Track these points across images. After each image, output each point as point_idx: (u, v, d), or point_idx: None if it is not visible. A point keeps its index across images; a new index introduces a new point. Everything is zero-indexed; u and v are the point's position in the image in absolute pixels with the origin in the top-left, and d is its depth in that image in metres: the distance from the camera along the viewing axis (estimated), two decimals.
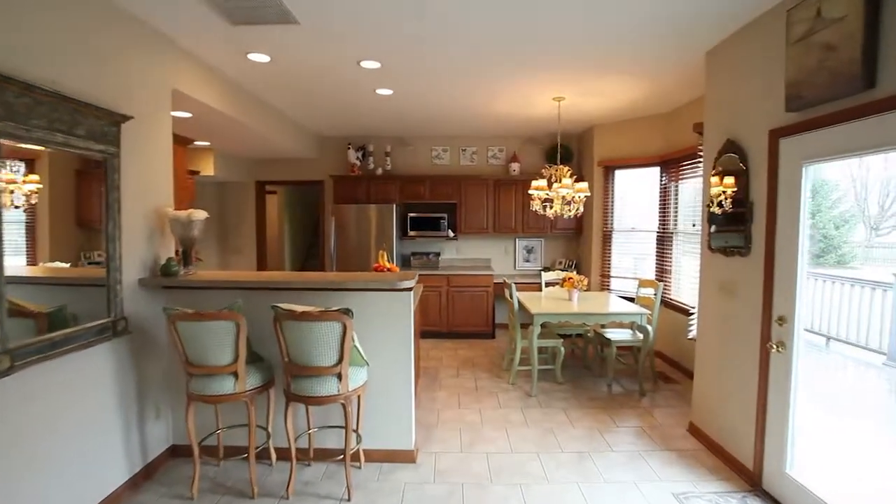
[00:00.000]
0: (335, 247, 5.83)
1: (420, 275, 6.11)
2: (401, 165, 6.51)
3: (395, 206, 5.80)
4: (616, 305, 4.27)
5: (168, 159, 2.90)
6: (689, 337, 3.50)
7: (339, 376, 2.41)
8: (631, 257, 5.66)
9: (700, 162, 4.19)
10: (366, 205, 5.84)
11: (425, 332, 6.03)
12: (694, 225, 4.15)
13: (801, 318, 2.40)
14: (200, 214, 2.83)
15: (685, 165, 4.74)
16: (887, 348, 3.41)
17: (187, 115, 3.77)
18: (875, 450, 2.43)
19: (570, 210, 4.39)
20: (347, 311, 2.33)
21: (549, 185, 4.41)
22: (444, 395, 4.11)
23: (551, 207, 4.44)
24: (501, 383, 4.42)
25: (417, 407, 3.75)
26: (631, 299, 5.01)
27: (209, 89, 3.44)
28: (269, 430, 2.77)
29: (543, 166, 4.65)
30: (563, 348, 4.31)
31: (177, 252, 3.03)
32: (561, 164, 4.55)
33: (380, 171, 6.25)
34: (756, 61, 2.69)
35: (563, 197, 4.30)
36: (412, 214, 6.22)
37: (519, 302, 4.44)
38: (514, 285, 4.29)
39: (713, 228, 3.11)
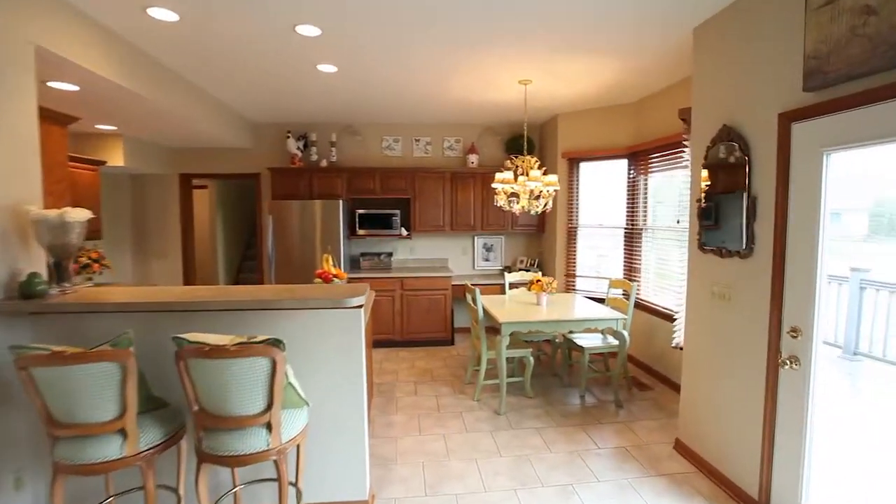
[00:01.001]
0: (273, 249, 5.14)
1: (371, 277, 5.55)
2: (348, 157, 5.89)
3: (341, 201, 5.18)
4: (590, 310, 3.90)
5: (31, 141, 2.18)
6: (674, 345, 3.19)
7: (269, 426, 1.83)
8: (596, 255, 5.36)
9: (679, 152, 3.90)
10: (309, 201, 5.18)
11: (378, 342, 5.47)
12: (679, 221, 3.85)
13: (819, 329, 2.08)
14: (79, 214, 2.14)
15: (655, 158, 4.46)
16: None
17: (73, 87, 3.01)
18: None
19: (538, 205, 3.98)
20: (277, 343, 1.76)
21: (515, 177, 3.98)
22: (403, 419, 3.59)
23: (518, 202, 4.00)
24: (466, 400, 3.95)
25: (372, 436, 3.21)
26: (600, 300, 4.69)
27: (96, 53, 2.71)
28: (181, 492, 2.15)
29: (508, 157, 4.20)
30: (532, 358, 3.91)
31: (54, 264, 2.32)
32: (521, 156, 4.12)
33: (324, 162, 5.60)
34: (763, 34, 2.34)
35: (532, 191, 3.87)
36: (361, 211, 5.62)
37: (484, 309, 3.98)
38: (478, 291, 3.83)
39: (704, 226, 2.77)
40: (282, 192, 5.46)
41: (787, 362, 2.16)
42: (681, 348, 3.17)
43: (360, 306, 2.26)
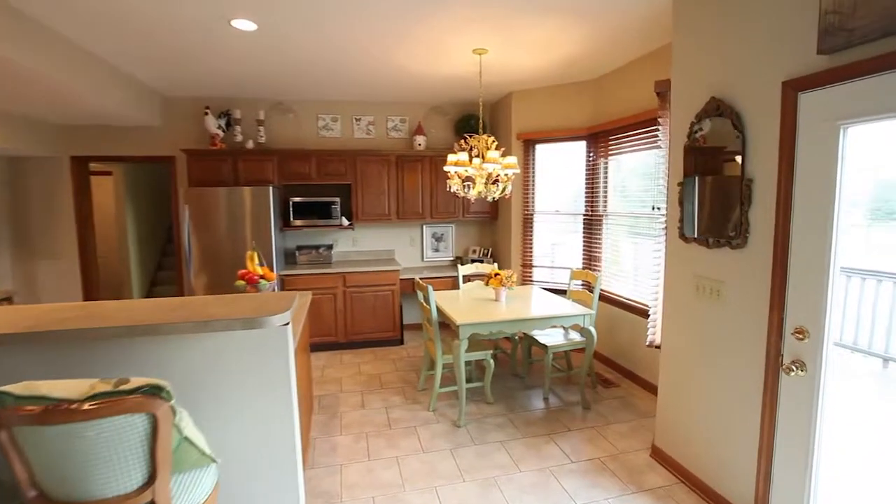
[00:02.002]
0: (191, 245, 4.41)
1: (309, 274, 4.95)
2: (279, 137, 5.20)
3: (271, 188, 4.53)
4: (555, 306, 3.57)
5: None
6: (649, 343, 2.92)
7: None
8: (550, 244, 5.06)
9: (647, 133, 3.61)
10: (234, 188, 4.48)
11: (318, 345, 4.91)
12: (656, 208, 3.57)
13: (831, 330, 1.81)
14: None
15: (616, 139, 4.17)
16: None
17: None
18: None
19: (496, 190, 3.57)
20: (157, 391, 1.23)
21: (469, 159, 3.54)
22: (348, 441, 3.10)
23: (473, 187, 3.57)
24: (420, 411, 3.52)
25: (312, 467, 2.71)
26: (561, 293, 4.39)
27: None
28: None
29: (459, 139, 3.74)
30: (492, 361, 3.53)
31: None
32: (476, 135, 3.68)
33: (251, 144, 4.89)
34: None
35: (490, 174, 3.45)
36: (295, 199, 4.98)
37: (438, 308, 3.55)
38: (431, 289, 3.38)
39: (687, 212, 2.47)
40: (200, 177, 4.71)
41: (792, 368, 1.89)
42: (657, 347, 2.90)
43: (287, 324, 1.74)
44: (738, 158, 2.13)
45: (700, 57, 2.37)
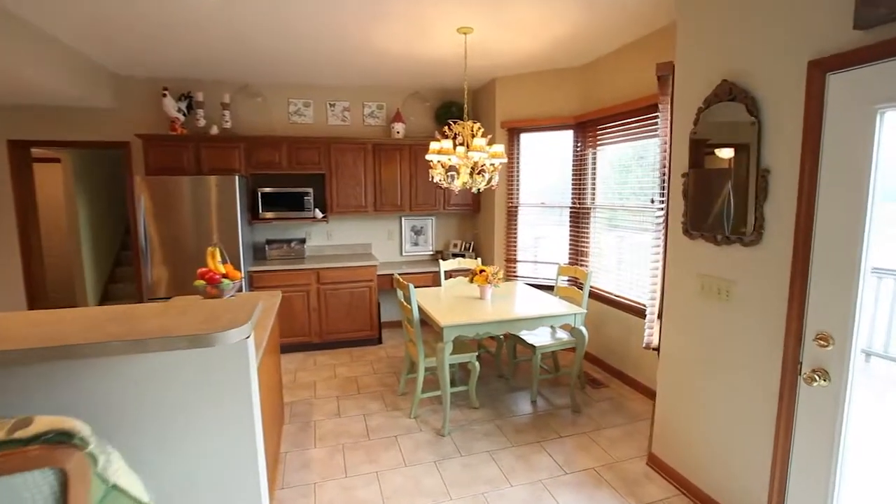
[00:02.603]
0: (148, 240, 4.03)
1: (280, 270, 4.61)
2: (246, 123, 4.83)
3: (237, 177, 4.18)
4: (545, 305, 3.36)
5: None
6: (646, 345, 2.75)
7: None
8: (533, 237, 4.86)
9: (640, 121, 3.42)
10: (196, 176, 4.11)
11: (290, 345, 4.60)
12: (653, 201, 3.39)
13: (859, 336, 1.64)
14: None
15: (605, 129, 3.98)
16: None
17: None
18: None
19: (481, 181, 3.33)
20: (67, 438, 0.95)
21: (453, 147, 3.28)
22: (323, 455, 2.84)
23: (457, 178, 3.32)
24: (401, 419, 3.28)
25: (282, 487, 2.45)
26: (547, 289, 4.20)
27: None
28: None
29: (440, 127, 3.48)
30: (477, 363, 3.31)
31: None
32: (460, 122, 3.41)
33: (215, 129, 4.51)
34: None
35: (476, 164, 3.21)
36: (265, 189, 4.64)
37: (420, 308, 3.30)
38: (412, 287, 3.13)
39: (693, 206, 2.28)
40: (159, 165, 4.32)
41: (814, 377, 1.72)
42: (654, 349, 2.73)
43: (248, 337, 1.46)
44: (753, 147, 1.94)
45: (710, 36, 2.16)
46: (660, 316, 2.76)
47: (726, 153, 2.08)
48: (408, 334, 3.42)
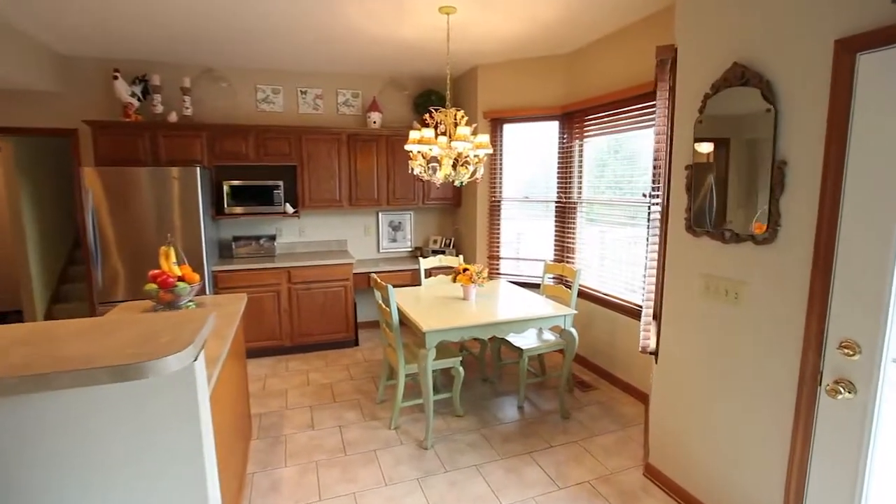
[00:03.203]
0: (98, 239, 3.66)
1: (247, 270, 4.28)
2: (210, 110, 4.47)
3: (199, 169, 3.83)
4: (533, 306, 3.17)
5: None
6: (642, 348, 2.59)
7: None
8: (516, 233, 4.67)
9: (635, 111, 3.25)
10: (153, 168, 3.75)
11: (260, 350, 4.30)
12: (646, 195, 3.22)
13: (890, 345, 1.49)
14: None
15: (592, 119, 3.80)
16: None
17: None
18: None
19: (465, 173, 3.10)
20: None
21: (435, 137, 3.04)
22: (295, 474, 2.58)
23: (439, 170, 3.09)
24: (380, 430, 3.04)
25: None
26: (532, 286, 4.03)
27: None
28: None
29: (420, 116, 3.23)
30: (461, 368, 3.10)
31: None
32: (443, 109, 3.16)
33: (174, 116, 4.15)
34: None
35: (460, 154, 2.98)
36: (231, 182, 4.30)
37: (400, 311, 3.06)
38: (391, 289, 2.89)
39: (697, 201, 2.11)
40: (110, 155, 3.93)
41: (839, 389, 1.57)
42: (651, 353, 2.56)
43: (195, 359, 1.20)
44: (769, 137, 1.77)
45: (719, 14, 1.98)
46: (656, 318, 2.60)
47: (737, 144, 1.91)
48: (387, 339, 3.18)
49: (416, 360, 2.92)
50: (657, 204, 2.70)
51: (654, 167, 2.91)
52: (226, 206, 4.28)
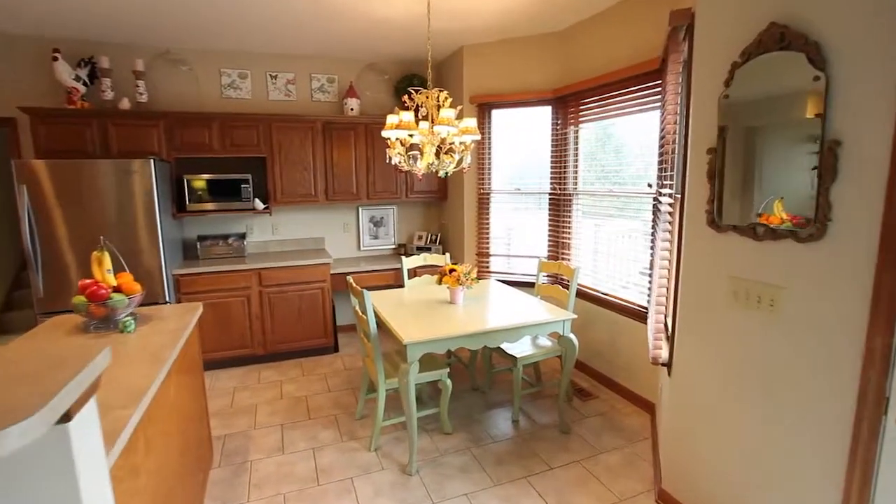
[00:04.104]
0: (38, 241, 3.25)
1: (213, 272, 3.87)
2: (167, 96, 4.06)
3: (153, 161, 3.43)
4: (527, 311, 2.85)
5: None
6: (652, 359, 2.29)
7: None
8: (505, 227, 4.35)
9: (638, 91, 2.93)
10: (99, 160, 3.34)
11: (230, 360, 3.94)
12: (651, 185, 2.91)
13: None
14: None
15: (589, 103, 3.48)
16: None
17: None
18: None
19: (450, 162, 2.75)
20: None
21: (416, 121, 2.68)
22: None
23: (421, 159, 2.74)
24: (359, 452, 2.71)
25: None
26: (524, 286, 3.71)
27: None
28: None
29: (403, 98, 2.87)
30: (449, 381, 2.77)
31: None
32: (424, 90, 2.79)
33: (126, 103, 3.73)
34: None
35: (444, 141, 2.63)
36: (192, 176, 3.90)
37: (378, 318, 2.73)
38: (368, 295, 2.54)
39: (723, 190, 1.79)
40: (52, 146, 3.51)
41: None
42: (662, 364, 2.26)
43: (68, 421, 0.85)
44: (817, 111, 1.45)
45: None
46: (666, 325, 2.30)
47: (774, 121, 1.59)
48: (365, 349, 2.84)
49: (397, 374, 2.58)
50: (668, 195, 2.38)
51: (661, 154, 2.61)
52: (188, 202, 3.88)
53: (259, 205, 4.08)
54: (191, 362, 2.35)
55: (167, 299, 3.54)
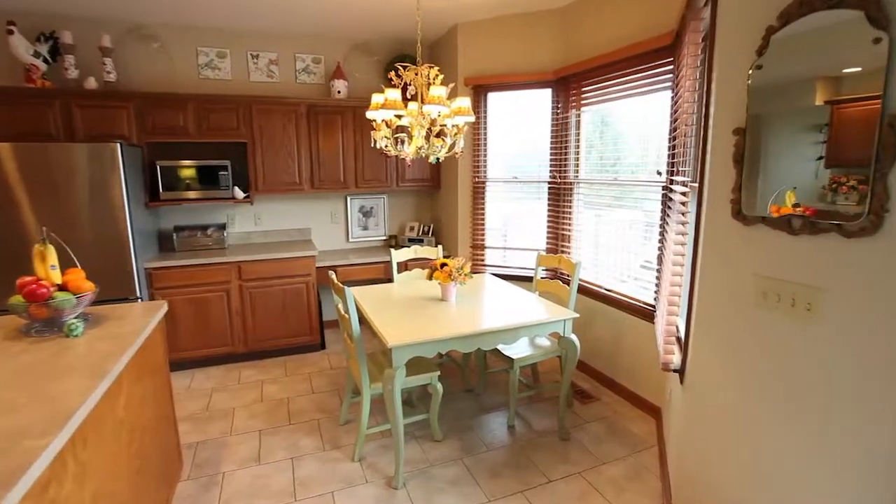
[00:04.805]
0: None
1: (188, 265, 3.58)
2: (139, 76, 3.77)
3: (119, 145, 3.16)
4: (525, 310, 2.63)
5: None
6: (663, 365, 2.07)
7: None
8: (502, 217, 4.11)
9: (648, 69, 2.67)
10: (58, 144, 3.07)
11: (209, 359, 3.71)
12: (660, 173, 2.67)
13: None
14: None
15: (592, 84, 3.23)
16: None
17: None
18: None
19: (442, 146, 2.50)
20: None
21: (403, 101, 2.43)
22: None
23: (409, 142, 2.49)
24: (341, 463, 2.49)
25: None
26: (522, 280, 3.49)
27: None
28: None
29: (394, 70, 2.59)
30: (439, 385, 2.55)
31: None
32: (412, 66, 2.52)
33: (92, 82, 3.45)
34: None
35: (434, 122, 2.38)
36: (166, 163, 3.63)
37: (361, 316, 2.49)
38: (350, 292, 2.31)
39: (752, 176, 1.56)
40: (9, 129, 3.23)
41: None
42: (674, 371, 2.04)
43: None
44: (876, 80, 1.22)
45: None
46: (677, 328, 2.08)
47: (819, 93, 1.35)
48: (348, 350, 2.61)
49: (381, 379, 2.36)
50: (681, 183, 2.15)
51: (674, 138, 2.37)
52: (161, 190, 3.61)
53: (239, 193, 3.82)
54: (153, 367, 2.11)
55: (138, 295, 3.29)
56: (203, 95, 3.67)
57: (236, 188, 3.80)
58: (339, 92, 4.09)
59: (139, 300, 3.29)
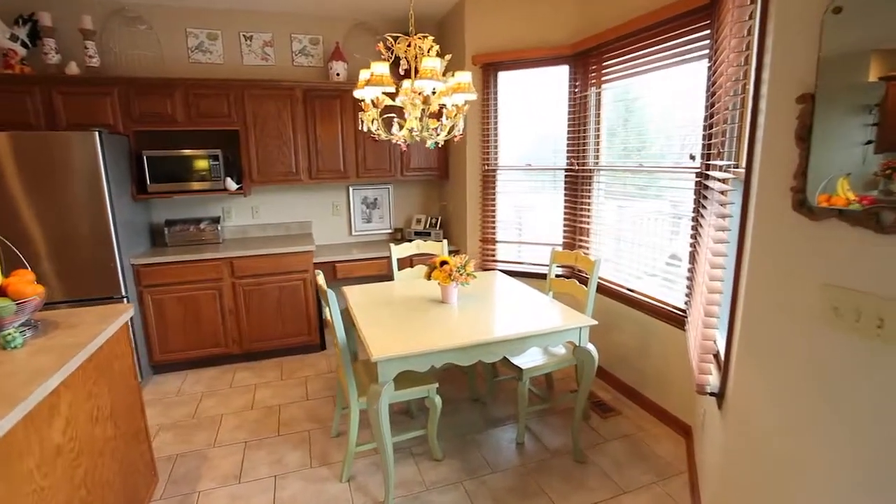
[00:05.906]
0: None
1: (178, 262, 3.31)
2: (124, 60, 3.55)
3: (99, 133, 2.94)
4: (537, 315, 2.31)
5: None
6: (698, 387, 1.74)
7: None
8: (514, 208, 3.78)
9: (687, 34, 2.29)
10: (41, 133, 2.86)
11: (200, 360, 3.51)
12: (693, 157, 2.31)
13: None
14: None
15: (613, 58, 2.85)
16: None
17: None
18: None
19: (439, 129, 2.19)
20: None
21: (396, 77, 2.12)
22: None
23: (403, 125, 2.18)
24: (328, 483, 2.23)
25: None
26: (536, 278, 3.17)
27: None
28: None
29: (382, 43, 2.26)
30: (438, 398, 2.27)
31: None
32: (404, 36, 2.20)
33: (74, 67, 3.23)
34: None
35: (428, 100, 2.07)
36: (152, 152, 3.41)
37: (346, 321, 2.22)
38: (332, 295, 2.03)
39: (821, 158, 1.20)
40: None
41: None
42: (711, 394, 1.71)
43: None
44: None
45: None
46: (716, 343, 1.74)
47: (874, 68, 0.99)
48: (337, 359, 2.34)
49: (368, 395, 2.08)
50: (721, 168, 1.80)
51: (710, 115, 2.01)
52: (149, 182, 3.40)
53: (231, 185, 3.58)
54: (114, 379, 1.88)
55: (123, 294, 3.09)
56: (192, 80, 3.42)
57: (228, 179, 3.56)
58: (337, 74, 3.80)
59: (124, 300, 3.09)
